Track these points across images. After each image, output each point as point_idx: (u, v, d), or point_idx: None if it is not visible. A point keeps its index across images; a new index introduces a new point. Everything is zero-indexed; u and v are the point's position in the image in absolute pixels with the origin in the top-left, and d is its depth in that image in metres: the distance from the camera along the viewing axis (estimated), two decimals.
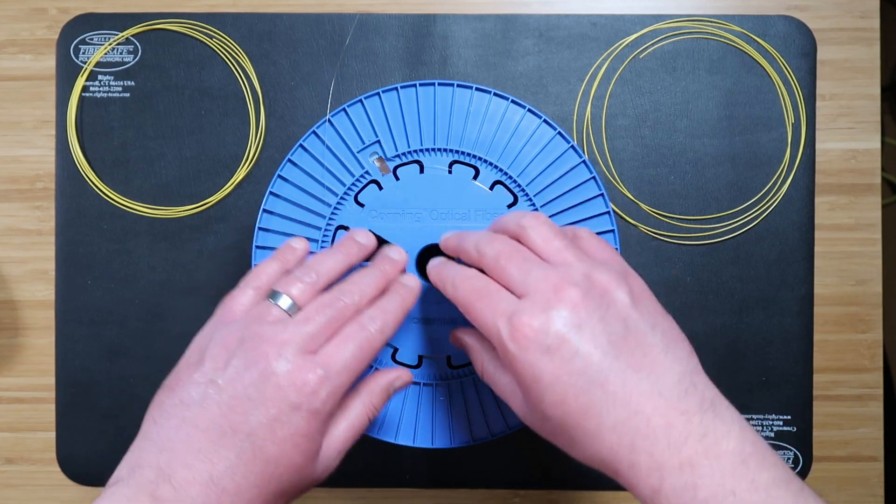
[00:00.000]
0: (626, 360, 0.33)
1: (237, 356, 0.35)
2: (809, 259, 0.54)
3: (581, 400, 0.32)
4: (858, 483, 0.54)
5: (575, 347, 0.32)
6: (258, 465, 0.34)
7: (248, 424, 0.34)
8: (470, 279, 0.36)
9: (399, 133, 0.44)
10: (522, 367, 0.33)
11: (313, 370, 0.35)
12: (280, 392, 0.34)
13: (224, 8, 0.55)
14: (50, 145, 0.55)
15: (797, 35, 0.54)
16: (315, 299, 0.37)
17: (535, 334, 0.33)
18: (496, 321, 0.34)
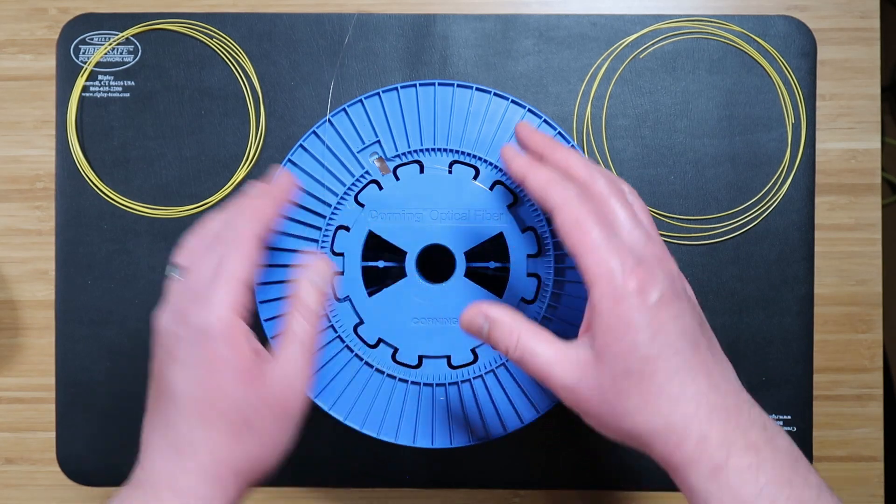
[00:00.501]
0: (706, 343, 0.35)
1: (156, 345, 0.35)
2: (809, 259, 0.54)
3: (674, 361, 0.33)
4: (858, 483, 0.54)
5: (679, 311, 0.33)
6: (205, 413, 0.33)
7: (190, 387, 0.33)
8: (583, 197, 0.34)
9: (399, 133, 0.44)
10: (629, 310, 0.32)
11: (194, 301, 0.34)
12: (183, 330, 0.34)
13: (224, 8, 0.55)
14: (50, 145, 0.55)
15: (797, 35, 0.54)
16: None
17: (649, 284, 0.33)
18: (611, 257, 0.33)
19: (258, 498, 0.55)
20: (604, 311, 0.33)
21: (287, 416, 0.34)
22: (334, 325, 0.44)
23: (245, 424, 0.33)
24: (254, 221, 0.36)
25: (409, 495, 0.55)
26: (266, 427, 0.34)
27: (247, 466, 0.34)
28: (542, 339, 0.35)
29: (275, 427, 0.34)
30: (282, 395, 0.34)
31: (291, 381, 0.35)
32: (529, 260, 0.44)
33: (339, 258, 0.44)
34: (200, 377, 0.33)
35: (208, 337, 0.33)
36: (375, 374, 0.44)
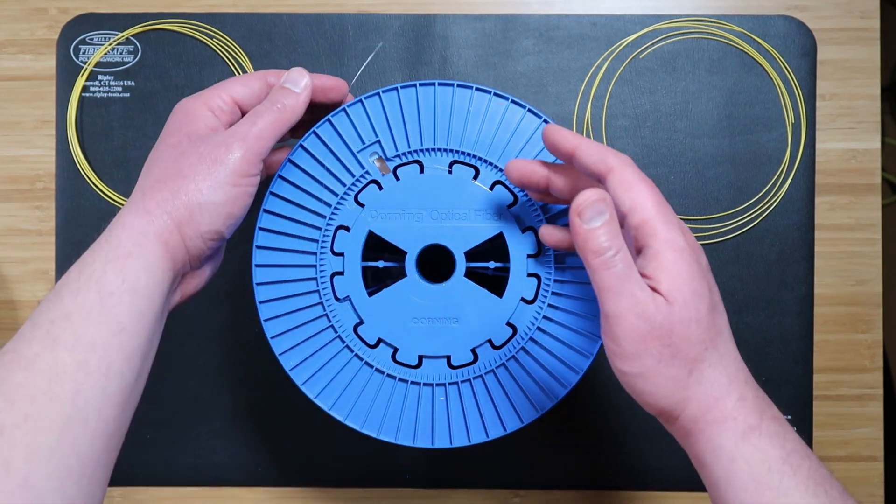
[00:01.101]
0: (725, 322, 0.37)
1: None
2: (809, 259, 0.54)
3: (724, 319, 0.36)
4: (858, 483, 0.54)
5: (713, 282, 0.37)
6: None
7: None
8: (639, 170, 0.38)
9: (399, 133, 0.44)
10: (689, 264, 0.35)
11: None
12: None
13: (224, 8, 0.55)
14: (50, 145, 0.55)
15: (797, 35, 0.54)
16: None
17: (697, 249, 0.36)
18: (669, 215, 0.36)
19: (258, 498, 0.55)
20: (668, 260, 0.34)
21: (219, 176, 0.38)
22: (334, 325, 0.44)
23: (176, 172, 0.38)
24: (273, 72, 0.42)
25: (409, 495, 0.55)
26: (192, 178, 0.38)
27: (171, 208, 0.38)
28: (632, 263, 0.35)
29: (202, 181, 0.38)
30: (214, 154, 0.38)
31: (224, 147, 0.39)
32: (529, 260, 0.44)
33: (339, 258, 0.44)
34: (159, 141, 0.41)
35: (180, 111, 0.41)
36: (375, 374, 0.44)
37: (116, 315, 0.35)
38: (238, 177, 0.38)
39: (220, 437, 0.54)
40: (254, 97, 0.41)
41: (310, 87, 0.42)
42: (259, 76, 0.42)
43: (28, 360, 0.33)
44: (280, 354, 0.44)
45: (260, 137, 0.39)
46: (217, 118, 0.40)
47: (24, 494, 0.31)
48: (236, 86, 0.41)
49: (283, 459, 0.54)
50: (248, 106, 0.41)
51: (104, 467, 0.35)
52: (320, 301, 0.44)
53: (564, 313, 0.44)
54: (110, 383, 0.35)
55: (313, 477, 0.54)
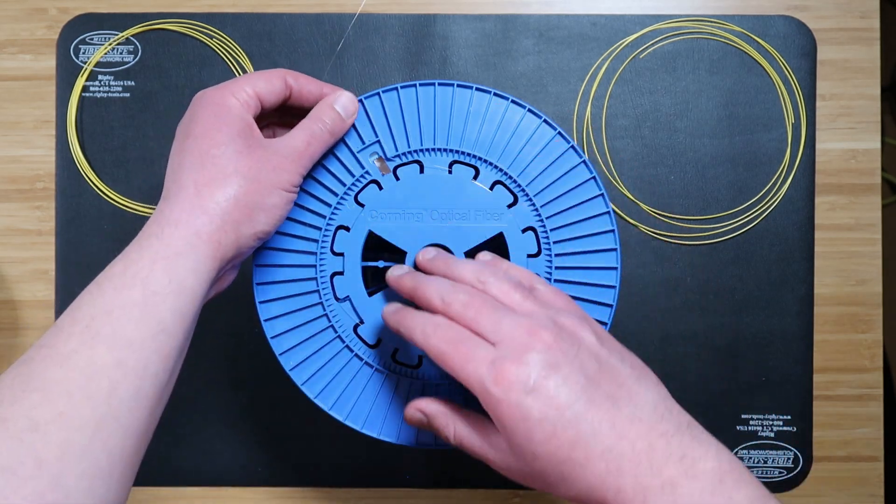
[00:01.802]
0: (605, 390, 0.35)
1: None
2: (809, 259, 0.54)
3: (569, 432, 0.34)
4: (858, 483, 0.54)
5: (557, 384, 0.34)
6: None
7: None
8: (441, 327, 0.37)
9: (399, 133, 0.44)
10: (509, 409, 0.34)
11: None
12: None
13: (224, 8, 0.55)
14: (50, 145, 0.55)
15: (797, 35, 0.54)
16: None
17: (517, 377, 0.34)
18: (477, 369, 0.35)
19: (258, 498, 0.55)
20: (492, 414, 0.35)
21: (274, 181, 0.39)
22: (334, 325, 0.44)
23: (233, 171, 0.38)
24: (291, 73, 0.42)
25: (409, 495, 0.55)
26: (253, 180, 0.38)
27: (231, 208, 0.38)
28: (475, 430, 0.37)
29: (261, 183, 0.38)
30: (274, 161, 0.39)
31: (281, 156, 0.39)
32: (529, 260, 0.44)
33: (339, 258, 0.44)
34: (189, 132, 0.39)
35: (212, 103, 0.39)
36: (375, 374, 0.44)
37: (159, 314, 0.35)
38: (291, 185, 0.40)
39: (220, 437, 0.54)
40: (274, 95, 0.41)
41: (354, 117, 0.43)
42: (280, 74, 0.41)
43: (65, 356, 0.33)
44: (280, 354, 0.44)
45: (312, 158, 0.41)
46: (247, 112, 0.40)
47: (55, 493, 0.31)
48: (260, 81, 0.40)
49: (283, 459, 0.54)
50: (267, 102, 0.41)
51: (132, 468, 0.35)
52: (320, 301, 0.44)
53: None
54: (145, 383, 0.34)
55: (313, 477, 0.54)
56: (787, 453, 0.54)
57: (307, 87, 0.42)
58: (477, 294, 0.37)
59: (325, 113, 0.41)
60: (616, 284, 0.43)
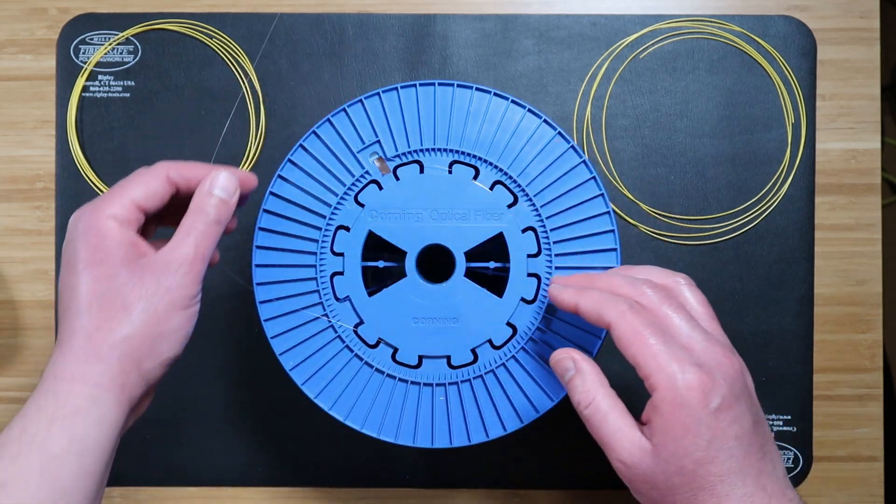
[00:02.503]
0: (761, 440, 0.36)
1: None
2: (809, 259, 0.54)
3: (727, 465, 0.34)
4: (858, 483, 0.54)
5: (736, 415, 0.35)
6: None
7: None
8: (639, 312, 0.36)
9: (399, 133, 0.44)
10: (686, 418, 0.34)
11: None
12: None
13: (224, 8, 0.55)
14: (50, 145, 0.55)
15: (797, 35, 0.54)
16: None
17: (709, 390, 0.34)
18: (670, 364, 0.35)
19: (258, 498, 0.55)
20: (664, 413, 0.35)
21: (170, 303, 0.36)
22: (334, 325, 0.44)
23: (121, 307, 0.35)
24: (172, 164, 0.38)
25: (409, 495, 0.55)
26: (145, 311, 0.36)
27: (128, 348, 0.35)
28: (615, 409, 0.37)
29: (155, 311, 0.36)
30: (161, 282, 0.36)
31: (171, 272, 0.36)
32: (529, 260, 0.44)
33: (339, 258, 0.44)
34: (72, 268, 0.36)
35: (88, 231, 0.36)
36: (375, 374, 0.44)
37: (60, 481, 0.33)
38: (188, 300, 0.37)
39: (220, 437, 0.54)
40: (157, 198, 0.38)
41: (238, 193, 0.39)
42: (159, 173, 0.38)
43: None
44: (280, 354, 0.44)
45: (204, 258, 0.37)
46: (129, 229, 0.37)
47: None
48: (136, 190, 0.37)
49: (283, 459, 0.54)
50: (151, 207, 0.38)
51: None
52: (320, 301, 0.44)
53: (564, 313, 0.44)
54: None
55: (313, 477, 0.54)
56: (787, 453, 0.54)
57: (193, 174, 0.39)
58: (668, 297, 0.37)
59: (205, 203, 0.38)
60: None
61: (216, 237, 0.38)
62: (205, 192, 0.38)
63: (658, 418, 0.35)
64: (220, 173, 0.38)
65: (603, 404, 0.37)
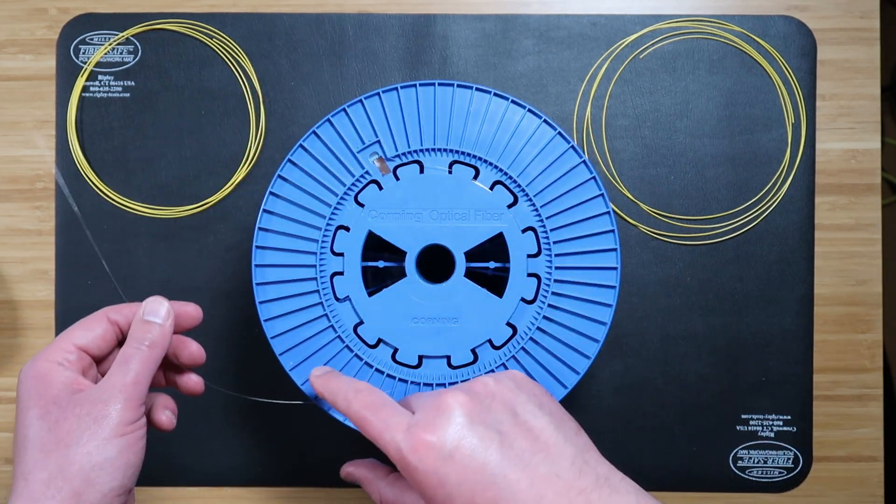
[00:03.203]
0: (521, 446, 0.35)
1: None
2: (809, 259, 0.54)
3: (488, 494, 0.34)
4: (858, 483, 0.54)
5: (471, 447, 0.34)
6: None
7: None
8: (362, 392, 0.38)
9: (399, 133, 0.44)
10: (426, 476, 0.34)
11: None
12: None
13: (224, 8, 0.55)
14: (50, 145, 0.55)
15: (797, 35, 0.54)
16: None
17: (432, 443, 0.34)
18: (394, 435, 0.35)
19: (258, 498, 0.55)
20: (411, 482, 0.35)
21: (102, 432, 0.36)
22: (334, 325, 0.44)
23: (54, 444, 0.36)
24: (113, 307, 0.40)
25: None
26: (76, 443, 0.36)
27: (62, 484, 0.35)
28: (400, 490, 0.40)
29: (87, 443, 0.36)
30: (93, 413, 0.36)
31: (102, 402, 0.37)
32: (529, 260, 0.44)
33: (339, 258, 0.44)
34: (17, 414, 0.37)
35: (28, 377, 0.38)
36: (375, 374, 0.44)
37: None
38: (124, 426, 0.37)
39: (220, 437, 0.54)
40: (99, 340, 0.39)
41: (172, 315, 0.40)
42: (99, 317, 0.39)
43: None
44: (280, 354, 0.44)
45: (137, 383, 0.38)
46: (68, 369, 0.38)
47: None
48: (77, 332, 0.39)
49: (283, 459, 0.54)
50: (94, 350, 0.39)
51: None
52: (320, 301, 0.44)
53: (564, 313, 0.44)
54: None
55: (313, 477, 0.54)
56: (787, 453, 0.54)
57: (131, 311, 0.40)
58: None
59: (138, 331, 0.39)
60: (616, 284, 0.43)
61: (153, 361, 0.39)
62: (138, 320, 0.39)
63: (413, 486, 0.35)
64: (150, 299, 0.40)
65: (387, 494, 0.40)
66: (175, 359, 0.42)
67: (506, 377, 0.37)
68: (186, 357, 0.42)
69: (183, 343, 0.42)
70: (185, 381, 0.43)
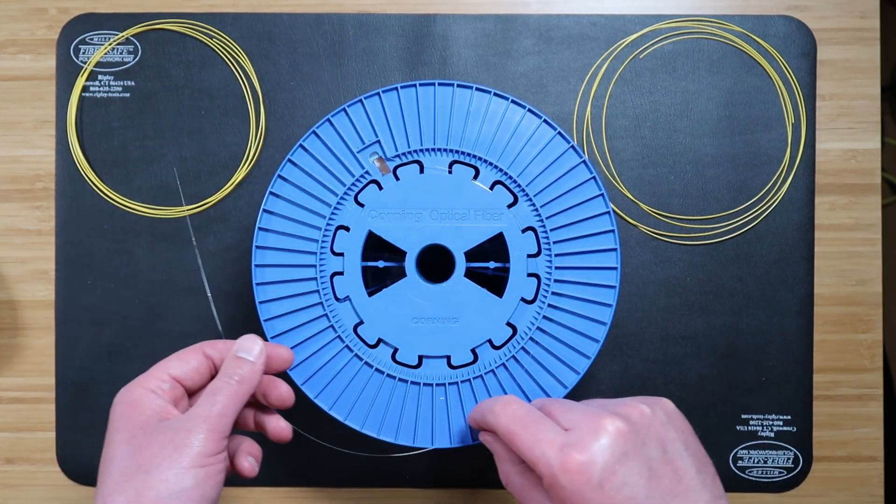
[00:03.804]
0: (665, 486, 0.35)
1: None
2: (809, 259, 0.54)
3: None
4: (858, 483, 0.54)
5: (622, 480, 0.35)
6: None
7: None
8: (511, 405, 0.38)
9: (399, 133, 0.44)
10: (571, 496, 0.35)
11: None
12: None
13: (224, 8, 0.55)
14: (50, 145, 0.55)
15: (797, 35, 0.54)
16: None
17: (585, 468, 0.35)
18: (546, 452, 0.35)
19: (258, 498, 0.55)
20: (555, 498, 0.36)
21: (183, 462, 0.36)
22: (334, 325, 0.44)
23: (135, 469, 0.36)
24: (209, 342, 0.41)
25: (409, 495, 0.55)
26: (156, 470, 0.36)
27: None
28: (530, 484, 0.38)
29: (167, 470, 0.36)
30: (175, 440, 0.37)
31: (185, 431, 0.37)
32: (529, 260, 0.44)
33: (339, 258, 0.44)
34: (106, 436, 0.38)
35: (121, 402, 0.39)
36: (375, 374, 0.44)
37: None
38: (204, 458, 0.37)
39: None
40: (193, 372, 0.40)
41: (264, 354, 0.40)
42: (195, 350, 0.40)
43: None
44: None
45: (222, 415, 0.38)
46: (160, 397, 0.38)
47: None
48: (172, 363, 0.40)
49: (283, 459, 0.54)
50: (188, 381, 0.40)
51: None
52: (320, 301, 0.44)
53: (564, 313, 0.44)
54: None
55: (313, 477, 0.54)
56: (787, 453, 0.54)
57: (226, 347, 0.41)
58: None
59: (229, 366, 0.39)
60: (616, 284, 0.43)
61: (241, 397, 0.39)
62: (230, 356, 0.40)
63: (553, 499, 0.36)
64: (243, 337, 0.40)
65: (516, 482, 0.39)
66: (264, 399, 0.42)
67: (659, 408, 0.38)
68: (276, 398, 0.42)
69: (273, 384, 0.42)
70: (273, 426, 0.42)
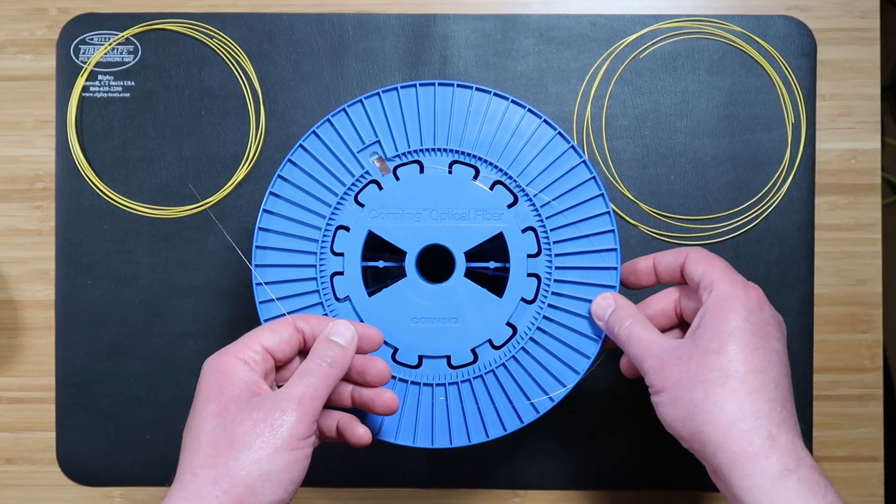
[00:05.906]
0: (784, 384, 0.39)
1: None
2: (809, 259, 0.54)
3: (764, 362, 0.37)
4: (858, 483, 0.54)
5: (775, 343, 0.39)
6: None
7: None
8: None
9: (399, 133, 0.44)
10: (736, 304, 0.38)
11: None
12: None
13: (224, 8, 0.55)
14: (50, 145, 0.55)
15: (797, 35, 0.54)
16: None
17: (765, 305, 0.39)
18: (736, 278, 0.39)
19: None
20: (716, 300, 0.38)
21: (275, 442, 0.36)
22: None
23: (227, 444, 0.36)
24: (300, 315, 0.41)
25: (409, 495, 0.55)
26: (249, 447, 0.36)
27: (228, 486, 0.35)
28: (647, 327, 0.41)
29: (259, 450, 0.36)
30: (269, 420, 0.36)
31: (279, 411, 0.36)
32: (529, 260, 0.44)
33: (339, 258, 0.44)
34: (194, 404, 0.38)
35: (212, 370, 0.38)
36: None
37: None
38: (296, 440, 0.36)
39: None
40: (284, 344, 0.39)
41: (356, 340, 0.40)
42: (287, 322, 0.40)
43: None
44: None
45: (315, 398, 0.37)
46: (252, 369, 0.38)
47: None
48: (265, 334, 0.39)
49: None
50: (278, 353, 0.39)
51: None
52: (320, 301, 0.44)
53: (564, 313, 0.44)
54: None
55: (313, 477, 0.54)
56: None
57: (318, 323, 0.41)
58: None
59: (321, 348, 0.39)
60: (616, 284, 0.43)
61: (332, 380, 0.39)
62: (322, 338, 0.40)
63: (710, 305, 0.38)
64: (337, 321, 0.40)
65: (636, 326, 0.40)
66: (361, 377, 0.41)
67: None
68: (374, 375, 0.41)
69: (370, 361, 0.41)
70: (380, 397, 0.41)
